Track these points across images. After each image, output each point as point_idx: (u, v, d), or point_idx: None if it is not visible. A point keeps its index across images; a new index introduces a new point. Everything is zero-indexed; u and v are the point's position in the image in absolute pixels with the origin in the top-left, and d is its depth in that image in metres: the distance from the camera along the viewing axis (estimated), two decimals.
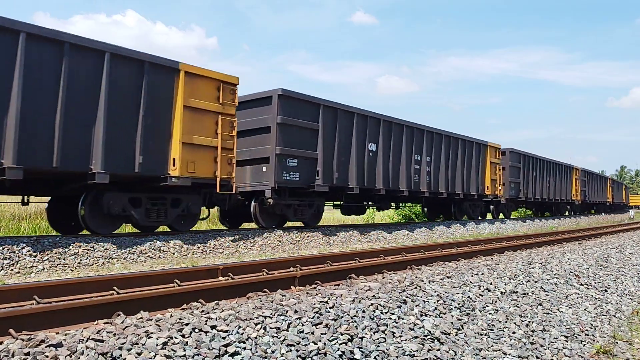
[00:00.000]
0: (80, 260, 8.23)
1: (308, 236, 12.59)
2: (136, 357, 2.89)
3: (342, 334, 3.79)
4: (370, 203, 17.11)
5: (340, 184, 13.99)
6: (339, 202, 16.72)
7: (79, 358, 2.79)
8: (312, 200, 13.93)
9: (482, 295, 5.79)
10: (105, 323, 3.53)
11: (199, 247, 10.05)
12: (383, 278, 5.95)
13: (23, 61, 8.18)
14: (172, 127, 10.20)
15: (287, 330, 3.64)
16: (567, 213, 35.50)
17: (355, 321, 4.06)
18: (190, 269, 6.37)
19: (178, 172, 10.13)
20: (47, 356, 2.74)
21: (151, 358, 2.93)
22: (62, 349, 2.84)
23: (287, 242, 11.83)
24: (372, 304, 4.47)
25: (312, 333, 3.69)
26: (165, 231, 11.24)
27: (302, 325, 3.76)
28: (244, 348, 3.28)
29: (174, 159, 10.18)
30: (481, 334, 4.77)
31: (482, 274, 6.78)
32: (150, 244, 9.39)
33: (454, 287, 5.76)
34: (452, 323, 4.73)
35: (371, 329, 4.05)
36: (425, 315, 4.69)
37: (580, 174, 35.62)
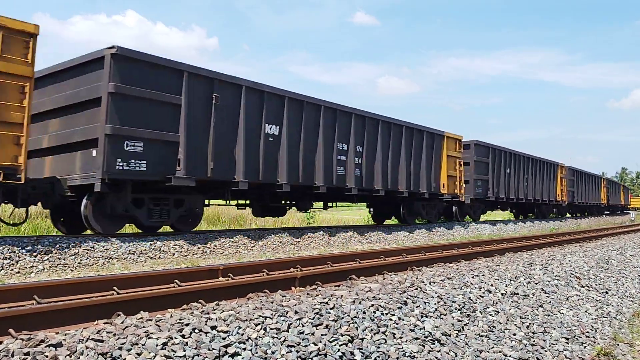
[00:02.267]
0: (81, 260, 8.23)
1: (308, 237, 12.59)
2: (136, 358, 2.89)
3: (342, 335, 3.78)
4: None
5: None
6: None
7: (79, 358, 2.78)
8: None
9: (482, 297, 5.78)
10: (105, 323, 3.52)
11: (199, 248, 10.04)
12: (384, 279, 5.94)
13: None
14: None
15: (287, 331, 3.63)
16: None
17: (355, 322, 4.05)
18: (191, 270, 6.37)
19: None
20: (46, 356, 2.74)
21: (151, 358, 2.92)
22: (61, 348, 2.83)
23: (288, 242, 11.82)
24: (372, 305, 4.46)
25: (313, 334, 3.68)
26: (166, 231, 11.24)
27: (303, 326, 3.75)
28: (244, 349, 3.27)
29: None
30: (482, 336, 4.76)
31: (483, 275, 6.77)
32: (151, 244, 9.38)
33: (455, 289, 5.75)
34: (452, 324, 4.72)
35: (371, 330, 4.04)
36: (426, 316, 4.68)
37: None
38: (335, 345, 3.64)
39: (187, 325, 3.37)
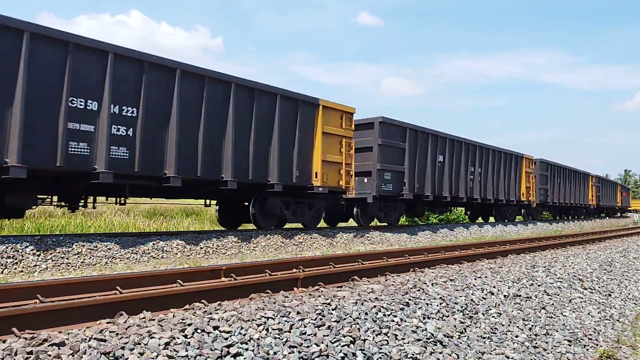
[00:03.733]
0: (84, 259, 8.25)
1: (311, 238, 12.59)
2: (138, 357, 2.89)
3: (344, 336, 3.79)
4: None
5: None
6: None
7: (82, 357, 2.79)
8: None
9: (485, 299, 5.78)
10: (108, 322, 3.53)
11: (201, 248, 10.06)
12: (386, 280, 5.94)
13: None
14: None
15: (289, 331, 3.63)
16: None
17: (357, 323, 4.05)
18: (193, 269, 6.38)
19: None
20: (49, 355, 2.75)
21: (153, 358, 2.93)
22: (64, 348, 2.84)
23: (290, 243, 11.83)
24: (374, 306, 4.47)
25: (315, 335, 3.68)
26: (168, 231, 11.26)
27: (305, 326, 3.75)
28: (246, 349, 3.28)
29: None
30: (484, 337, 4.76)
31: (486, 277, 6.76)
32: (153, 244, 9.40)
33: (457, 290, 5.75)
34: (454, 326, 4.71)
35: (374, 331, 4.04)
36: (428, 317, 4.68)
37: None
38: (337, 346, 3.64)
39: (189, 325, 3.38)
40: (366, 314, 4.28)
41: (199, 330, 3.32)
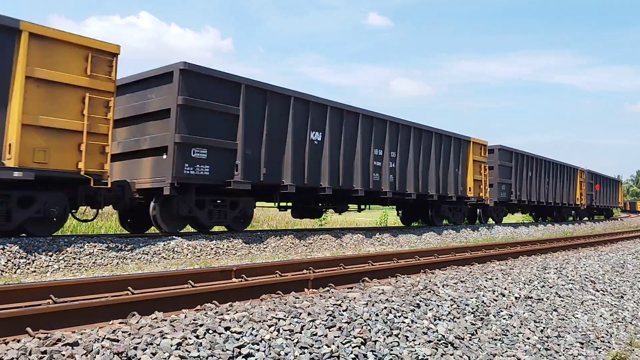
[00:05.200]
0: (95, 260, 8.31)
1: (321, 238, 12.59)
2: (151, 357, 2.92)
3: (355, 337, 3.79)
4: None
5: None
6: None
7: (95, 357, 2.82)
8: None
9: (496, 300, 5.75)
10: (120, 323, 3.56)
11: (211, 249, 10.09)
12: (396, 282, 5.92)
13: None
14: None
15: (300, 332, 3.64)
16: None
17: (368, 324, 4.05)
18: (204, 270, 6.40)
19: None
20: (63, 355, 2.77)
21: (165, 358, 2.95)
22: (78, 347, 2.87)
23: (300, 244, 11.83)
24: (385, 308, 4.46)
25: (326, 336, 3.69)
26: (178, 232, 11.31)
27: (316, 328, 3.76)
28: (258, 350, 3.29)
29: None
30: (495, 339, 4.73)
31: (497, 278, 6.72)
32: (164, 244, 9.45)
33: (468, 292, 5.72)
34: (465, 328, 4.70)
35: (384, 332, 4.04)
36: (439, 319, 4.67)
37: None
38: (348, 347, 3.65)
39: (201, 325, 3.39)
40: (377, 315, 4.27)
41: (210, 331, 3.34)
